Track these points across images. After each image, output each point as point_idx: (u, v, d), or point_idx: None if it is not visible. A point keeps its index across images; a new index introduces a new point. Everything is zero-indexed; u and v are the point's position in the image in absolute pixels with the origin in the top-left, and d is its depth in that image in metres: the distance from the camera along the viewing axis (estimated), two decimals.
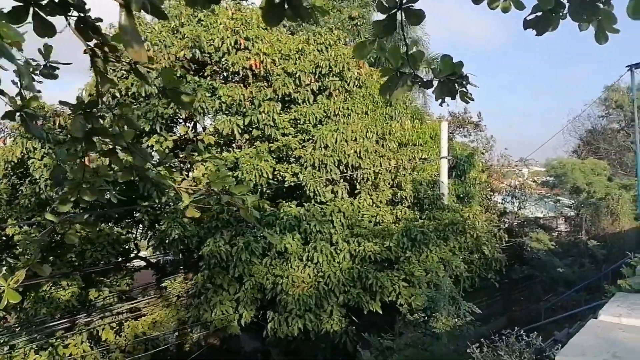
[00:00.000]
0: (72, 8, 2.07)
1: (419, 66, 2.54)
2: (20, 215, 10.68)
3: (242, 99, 10.35)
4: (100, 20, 2.17)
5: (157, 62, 10.54)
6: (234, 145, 12.32)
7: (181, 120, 11.33)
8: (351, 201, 11.55)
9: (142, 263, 14.80)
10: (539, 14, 2.49)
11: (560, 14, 2.55)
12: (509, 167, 27.08)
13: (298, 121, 11.27)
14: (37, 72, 2.53)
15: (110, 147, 2.58)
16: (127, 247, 12.89)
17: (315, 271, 9.40)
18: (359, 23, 22.64)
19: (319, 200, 11.10)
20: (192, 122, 11.46)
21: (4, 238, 11.44)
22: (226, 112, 10.66)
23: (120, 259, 12.99)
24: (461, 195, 17.60)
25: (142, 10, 1.80)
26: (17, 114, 2.47)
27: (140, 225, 13.05)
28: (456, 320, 8.81)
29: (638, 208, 20.98)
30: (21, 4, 1.95)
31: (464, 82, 2.68)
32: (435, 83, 2.93)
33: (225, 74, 11.19)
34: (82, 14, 2.12)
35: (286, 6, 1.98)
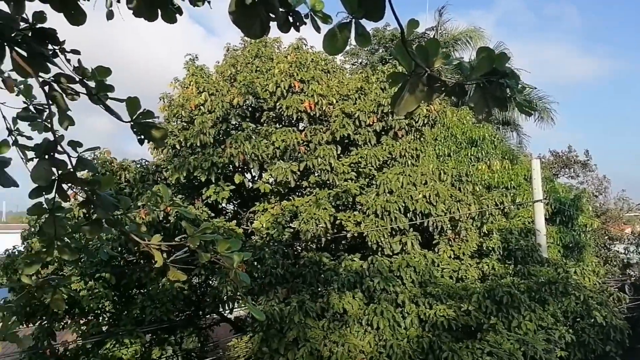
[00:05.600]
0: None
1: (433, 62, 1.74)
2: (85, 271, 10.61)
3: (295, 144, 9.63)
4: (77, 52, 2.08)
5: (212, 112, 10.36)
6: (297, 193, 11.58)
7: (239, 169, 10.87)
8: (424, 254, 9.98)
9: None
10: None
11: None
12: (629, 211, 23.43)
13: (359, 165, 10.21)
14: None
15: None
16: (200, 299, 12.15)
17: (377, 339, 7.90)
18: None
19: (385, 253, 9.75)
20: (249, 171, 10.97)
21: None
22: (281, 158, 9.99)
23: (188, 314, 12.36)
24: (570, 245, 15.09)
25: None
26: None
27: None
28: None
29: None
30: None
31: (514, 84, 1.76)
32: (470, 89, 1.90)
33: (281, 119, 10.65)
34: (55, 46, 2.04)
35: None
